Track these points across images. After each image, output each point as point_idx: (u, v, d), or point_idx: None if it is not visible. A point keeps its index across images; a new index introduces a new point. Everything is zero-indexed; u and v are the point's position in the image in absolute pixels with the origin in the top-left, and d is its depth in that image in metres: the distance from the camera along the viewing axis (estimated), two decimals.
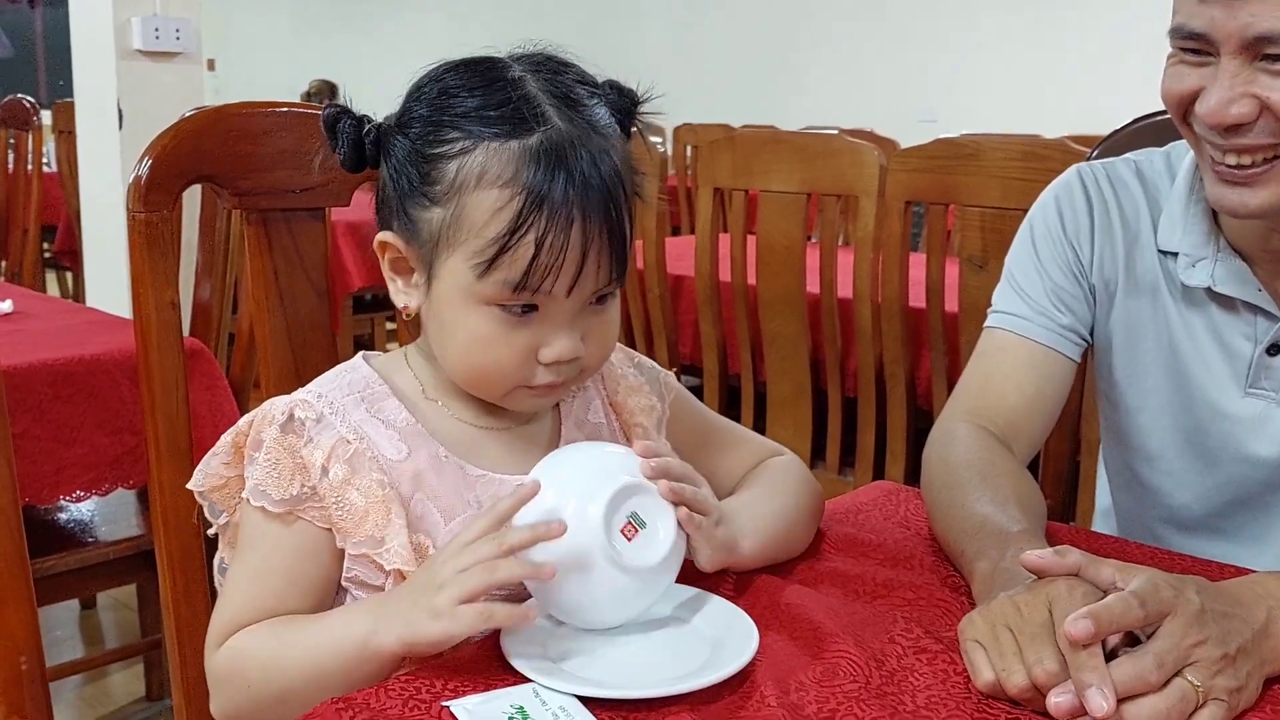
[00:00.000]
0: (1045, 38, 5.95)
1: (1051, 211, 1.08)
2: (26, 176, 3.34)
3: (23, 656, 0.92)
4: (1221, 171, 0.90)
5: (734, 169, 2.15)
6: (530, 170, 0.72)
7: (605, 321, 0.79)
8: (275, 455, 0.76)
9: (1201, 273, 1.00)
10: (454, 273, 0.75)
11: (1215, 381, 1.02)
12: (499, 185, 0.72)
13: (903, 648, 0.74)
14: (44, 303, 2.03)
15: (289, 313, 1.04)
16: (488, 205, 0.73)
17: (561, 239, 0.72)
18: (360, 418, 0.78)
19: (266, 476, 0.76)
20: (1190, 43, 0.88)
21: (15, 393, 1.44)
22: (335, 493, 0.76)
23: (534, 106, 0.73)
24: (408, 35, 9.22)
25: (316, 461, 0.76)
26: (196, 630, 0.94)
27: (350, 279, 3.16)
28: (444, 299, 0.77)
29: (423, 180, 0.75)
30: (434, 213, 0.75)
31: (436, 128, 0.75)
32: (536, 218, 0.71)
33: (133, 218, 0.93)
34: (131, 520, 1.73)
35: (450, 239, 0.75)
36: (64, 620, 2.29)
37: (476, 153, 0.73)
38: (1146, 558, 0.91)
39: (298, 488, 0.76)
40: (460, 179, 0.73)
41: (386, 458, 0.78)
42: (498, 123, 0.73)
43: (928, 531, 0.95)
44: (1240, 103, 0.85)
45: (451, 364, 0.80)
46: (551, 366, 0.77)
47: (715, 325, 2.24)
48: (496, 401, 0.81)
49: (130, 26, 2.85)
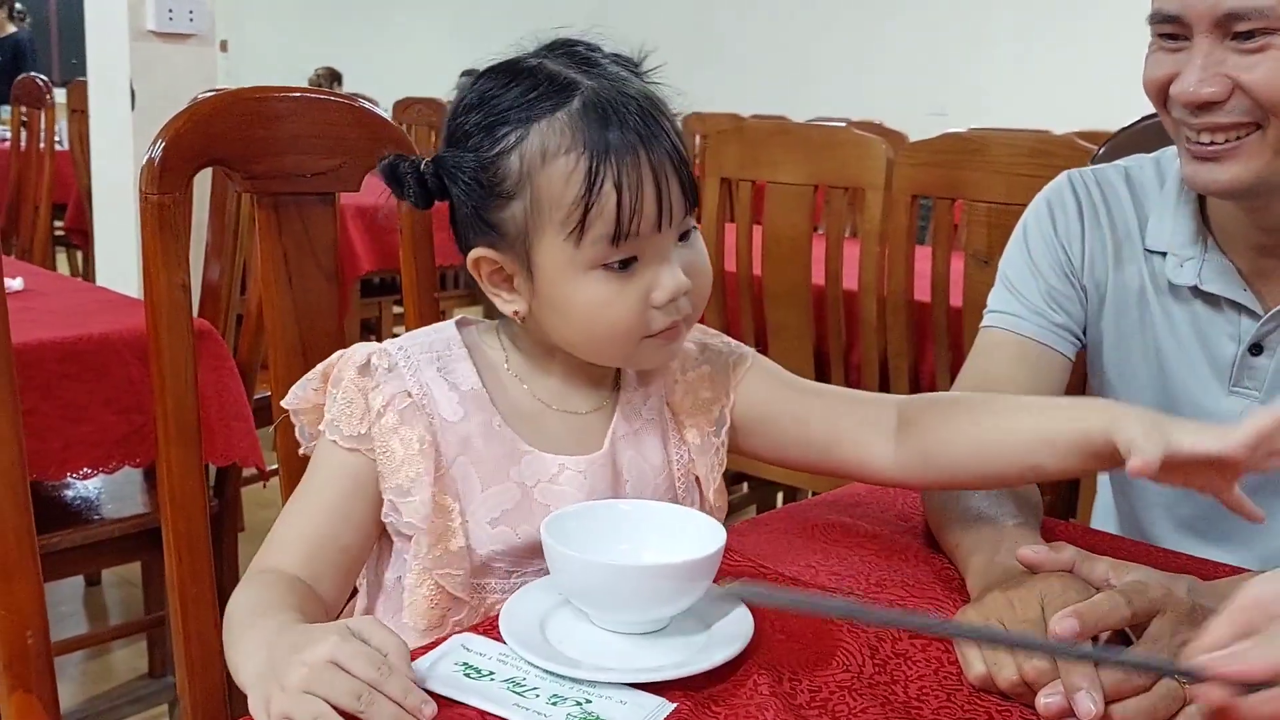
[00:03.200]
0: (1057, 32, 5.93)
1: (1044, 214, 1.10)
2: (39, 154, 3.35)
3: (29, 631, 0.93)
4: (1194, 150, 0.93)
5: (741, 159, 2.15)
6: (584, 129, 0.76)
7: (697, 253, 0.82)
8: (350, 394, 0.82)
9: (1189, 271, 1.02)
10: (551, 252, 0.78)
11: (1199, 381, 1.04)
12: (563, 154, 0.76)
13: (896, 636, 0.75)
14: (54, 281, 2.04)
15: (298, 295, 1.05)
16: (560, 175, 0.76)
17: (635, 176, 0.75)
18: (430, 375, 0.83)
19: (340, 413, 0.81)
20: (1166, 26, 0.92)
21: (24, 370, 1.45)
22: (383, 438, 0.81)
23: (562, 77, 0.78)
24: (417, 19, 9.21)
25: (375, 406, 0.81)
26: (201, 608, 0.96)
27: (359, 263, 3.16)
28: (550, 282, 0.79)
29: (493, 182, 0.78)
30: (513, 207, 0.78)
31: (488, 130, 0.78)
32: (605, 167, 0.75)
33: (145, 199, 0.94)
34: (137, 498, 1.75)
35: (536, 223, 0.78)
36: (69, 596, 2.31)
37: (531, 137, 0.77)
38: (1143, 555, 0.92)
39: (366, 427, 0.81)
40: (526, 165, 0.77)
41: (442, 417, 0.82)
42: (538, 103, 0.77)
43: (923, 525, 0.96)
44: (1212, 82, 0.89)
45: (575, 341, 0.82)
46: (667, 307, 0.79)
47: (720, 315, 2.24)
48: (623, 364, 0.85)
49: (144, 7, 2.85)
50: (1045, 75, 5.94)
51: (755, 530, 0.97)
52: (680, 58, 0.85)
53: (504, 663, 0.69)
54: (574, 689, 0.67)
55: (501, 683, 0.67)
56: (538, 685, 0.67)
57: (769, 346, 2.17)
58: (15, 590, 0.93)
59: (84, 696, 1.98)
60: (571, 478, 0.83)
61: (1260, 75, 0.88)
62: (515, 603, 0.75)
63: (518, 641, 0.70)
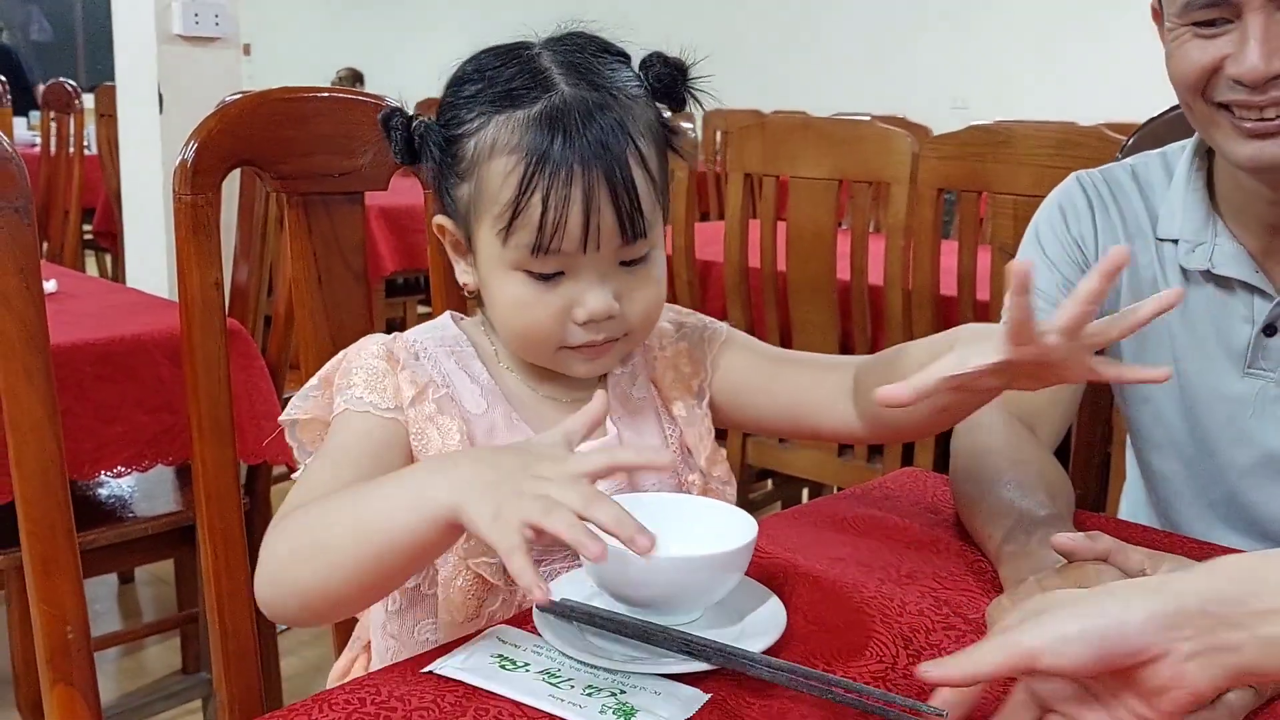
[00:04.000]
0: (1080, 23, 5.88)
1: (1055, 214, 1.11)
2: (68, 159, 3.39)
3: (69, 626, 0.95)
4: (1253, 128, 0.92)
5: (764, 155, 2.15)
6: (533, 134, 0.75)
7: (643, 280, 0.81)
8: (377, 372, 0.81)
9: (1200, 256, 1.03)
10: (485, 242, 0.80)
11: (1214, 364, 1.04)
12: (507, 152, 0.76)
13: (931, 623, 0.75)
14: (86, 283, 2.06)
15: (327, 295, 1.06)
16: (500, 172, 0.77)
17: (564, 193, 0.75)
18: (450, 367, 0.84)
19: (367, 388, 0.80)
20: (1208, 12, 0.90)
21: (59, 371, 1.46)
22: (419, 424, 0.80)
23: (541, 76, 0.78)
24: (438, 22, 9.24)
25: (406, 390, 0.81)
26: (236, 603, 0.97)
27: (383, 263, 3.18)
28: (484, 268, 0.81)
29: (452, 160, 0.80)
30: (463, 189, 0.81)
31: (458, 109, 0.80)
32: (539, 178, 0.75)
33: (179, 200, 0.95)
34: (170, 496, 1.77)
35: (477, 211, 0.80)
36: (103, 594, 2.34)
37: (489, 127, 0.78)
38: (1176, 546, 0.92)
39: (397, 404, 0.81)
40: (477, 153, 0.78)
41: (467, 409, 0.82)
42: (506, 97, 0.77)
43: (954, 518, 0.96)
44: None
45: (501, 330, 0.84)
46: (588, 326, 0.79)
47: (744, 311, 2.24)
48: (548, 365, 0.84)
49: (171, 11, 2.88)
50: (1068, 67, 5.89)
51: (785, 523, 0.97)
52: (701, 53, 0.84)
53: (539, 654, 0.70)
54: (609, 680, 0.67)
55: (536, 674, 0.68)
56: (572, 676, 0.67)
57: (794, 342, 2.17)
58: (56, 586, 0.94)
59: (119, 692, 2.01)
60: None
61: None
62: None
63: (552, 633, 0.71)
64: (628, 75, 0.81)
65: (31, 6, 9.32)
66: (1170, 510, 1.13)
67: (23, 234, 0.92)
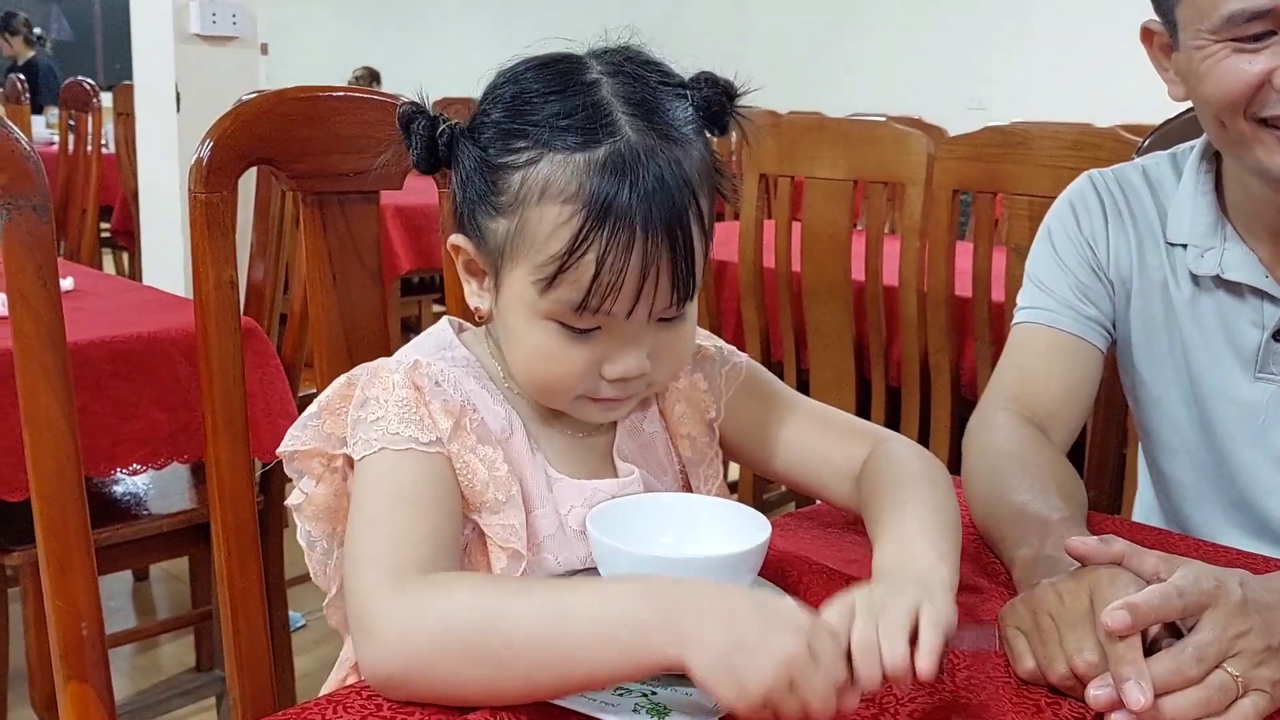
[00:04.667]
0: (1097, 23, 5.85)
1: (1067, 214, 1.11)
2: (86, 157, 3.41)
3: (84, 622, 0.95)
4: None
5: (779, 155, 2.15)
6: (594, 185, 0.69)
7: (677, 338, 0.76)
8: (409, 405, 0.73)
9: (1210, 261, 1.02)
10: (517, 285, 0.73)
11: (1224, 369, 1.04)
12: (561, 200, 0.70)
13: None
14: (103, 281, 2.07)
15: (341, 294, 1.06)
16: (550, 220, 0.70)
17: (623, 259, 0.69)
18: (472, 388, 0.78)
19: (404, 424, 0.72)
20: (1253, 26, 0.88)
21: (76, 369, 1.46)
22: (462, 455, 0.74)
23: (605, 115, 0.70)
24: (455, 22, 9.26)
25: (441, 419, 0.74)
26: (250, 601, 0.97)
27: (399, 262, 3.19)
28: (509, 309, 0.75)
29: (490, 189, 0.73)
30: (499, 223, 0.73)
31: (505, 136, 0.73)
32: (597, 236, 0.69)
33: (194, 198, 0.96)
34: (185, 494, 1.78)
35: (514, 251, 0.73)
36: (117, 591, 2.35)
37: (541, 164, 0.71)
38: (1191, 550, 0.91)
39: (434, 435, 0.73)
40: (524, 191, 0.71)
41: (496, 435, 0.77)
42: (565, 133, 0.70)
43: (967, 520, 0.95)
44: None
45: (517, 370, 0.78)
46: (616, 382, 0.75)
47: (758, 312, 2.24)
48: (560, 409, 0.79)
49: (189, 11, 2.90)
50: (1085, 68, 5.86)
51: (799, 524, 0.96)
52: (717, 54, 0.82)
53: None
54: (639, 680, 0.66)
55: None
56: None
57: (808, 343, 2.17)
58: (71, 583, 0.95)
59: (133, 690, 2.02)
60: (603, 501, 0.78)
61: None
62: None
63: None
64: (685, 109, 0.74)
65: (51, 6, 9.39)
66: (1181, 514, 1.12)
67: (40, 232, 0.93)
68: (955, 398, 1.99)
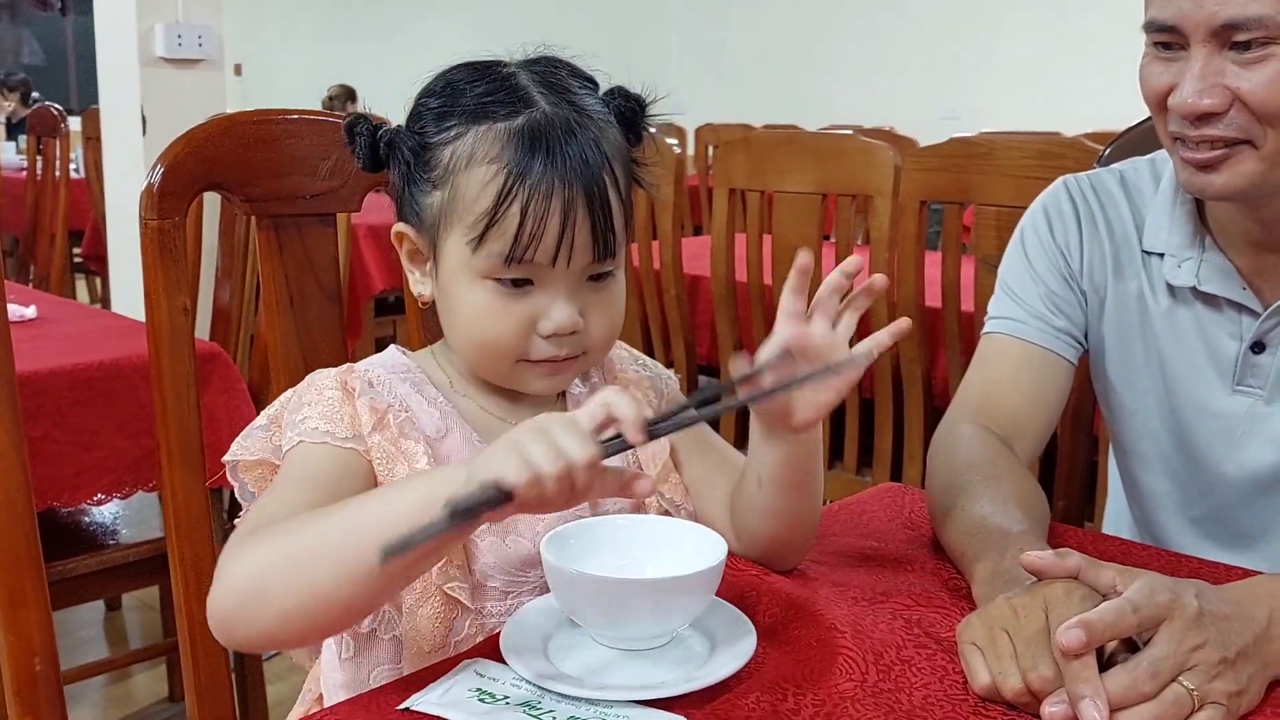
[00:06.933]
0: (1069, 35, 5.90)
1: (1040, 220, 1.10)
2: (54, 183, 3.38)
3: (37, 658, 0.94)
4: (1189, 158, 0.92)
5: (749, 170, 2.15)
6: (514, 147, 0.77)
7: (606, 299, 0.83)
8: (334, 402, 0.80)
9: (1187, 272, 1.01)
10: (453, 250, 0.80)
11: (1202, 380, 1.03)
12: (486, 162, 0.78)
13: (902, 640, 0.74)
14: (66, 308, 2.05)
15: (299, 316, 1.05)
16: (478, 181, 0.78)
17: (543, 207, 0.76)
18: (405, 391, 0.84)
19: (324, 418, 0.79)
20: (1162, 36, 0.91)
21: (36, 397, 1.46)
22: (382, 448, 0.80)
23: (524, 92, 0.80)
24: (430, 40, 9.26)
25: (366, 417, 0.80)
26: (209, 632, 0.95)
27: (372, 282, 3.17)
28: (447, 278, 0.82)
29: (424, 167, 0.81)
30: (434, 196, 0.81)
31: (437, 119, 0.81)
32: (519, 189, 0.76)
33: (145, 225, 0.95)
34: (153, 522, 1.75)
35: (448, 218, 0.80)
36: (89, 621, 2.32)
37: (468, 136, 0.79)
38: (1152, 560, 0.91)
39: (355, 432, 0.80)
40: (454, 161, 0.79)
41: (426, 433, 0.82)
42: (488, 109, 0.79)
43: (931, 536, 0.95)
44: (1211, 93, 0.88)
45: (459, 343, 0.84)
46: (551, 340, 0.80)
47: (732, 326, 2.24)
48: (504, 382, 0.85)
49: (153, 34, 2.88)
50: (1058, 77, 5.91)
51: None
52: (693, 69, 0.85)
53: (517, 687, 0.68)
54: (590, 710, 0.66)
55: (517, 706, 0.66)
56: (554, 708, 0.66)
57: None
58: (23, 618, 0.93)
59: None
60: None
61: (1259, 86, 0.86)
62: (515, 624, 0.74)
63: (521, 664, 0.69)
64: (597, 103, 0.82)
65: (23, 29, 9.34)
66: (1153, 524, 1.12)
67: None
68: (928, 409, 1.99)
